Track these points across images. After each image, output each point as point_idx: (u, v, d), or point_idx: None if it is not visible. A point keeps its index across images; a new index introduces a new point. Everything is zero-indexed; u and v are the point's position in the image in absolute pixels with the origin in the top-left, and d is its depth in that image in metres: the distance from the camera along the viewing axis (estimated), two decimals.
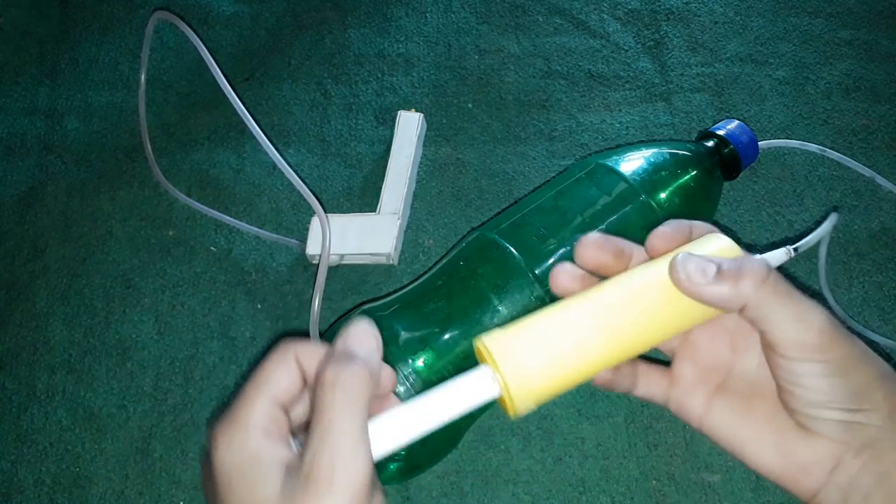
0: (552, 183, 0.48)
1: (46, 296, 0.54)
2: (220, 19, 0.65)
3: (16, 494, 0.48)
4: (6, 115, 0.62)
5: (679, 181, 0.47)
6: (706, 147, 0.50)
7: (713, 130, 0.51)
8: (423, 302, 0.44)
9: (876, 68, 0.58)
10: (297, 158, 0.58)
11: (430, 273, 0.46)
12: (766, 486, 0.45)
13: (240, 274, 0.54)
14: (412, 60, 0.62)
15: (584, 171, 0.47)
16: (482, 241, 0.45)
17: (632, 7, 0.62)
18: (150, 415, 0.50)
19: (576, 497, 0.45)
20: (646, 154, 0.47)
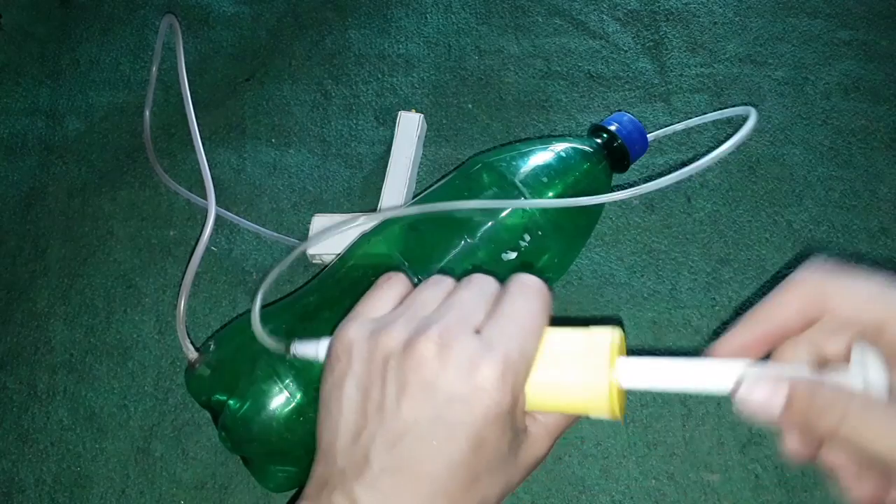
0: (436, 186, 0.48)
1: (47, 295, 0.55)
2: (221, 19, 0.65)
3: (17, 494, 0.48)
4: (7, 115, 0.62)
5: (566, 178, 0.46)
6: (595, 142, 0.49)
7: (603, 124, 0.50)
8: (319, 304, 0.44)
9: (875, 69, 0.58)
10: (297, 159, 0.58)
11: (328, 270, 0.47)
12: (766, 486, 0.45)
13: (240, 274, 0.54)
14: (412, 61, 0.62)
15: (467, 171, 0.47)
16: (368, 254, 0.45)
17: (631, 8, 0.62)
18: (150, 414, 0.50)
19: (575, 496, 0.46)
20: (533, 152, 0.47)
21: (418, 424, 0.27)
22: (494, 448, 0.28)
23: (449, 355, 0.28)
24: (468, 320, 0.29)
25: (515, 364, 0.28)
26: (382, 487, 0.27)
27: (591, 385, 0.28)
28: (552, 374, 0.29)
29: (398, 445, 0.27)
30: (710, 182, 0.54)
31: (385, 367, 0.29)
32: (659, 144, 0.56)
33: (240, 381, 0.41)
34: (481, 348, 0.28)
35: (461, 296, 0.31)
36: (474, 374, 0.27)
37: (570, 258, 0.49)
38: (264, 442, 0.41)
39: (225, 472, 0.48)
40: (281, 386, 0.40)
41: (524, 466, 0.30)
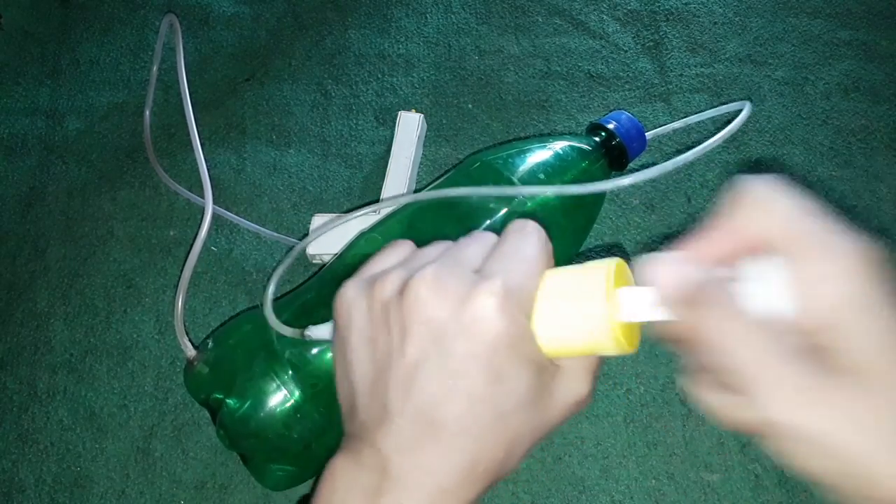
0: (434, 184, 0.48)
1: (47, 295, 0.55)
2: (221, 19, 0.65)
3: (17, 494, 0.48)
4: (7, 115, 0.62)
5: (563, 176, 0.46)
6: (593, 140, 0.49)
7: (601, 123, 0.50)
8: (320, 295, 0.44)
9: (875, 69, 0.58)
10: (297, 159, 0.58)
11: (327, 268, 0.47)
12: (766, 486, 0.45)
13: (240, 274, 0.54)
14: (412, 61, 0.62)
15: (466, 169, 0.47)
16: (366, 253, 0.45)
17: (631, 7, 0.62)
18: (150, 414, 0.50)
19: (575, 496, 0.46)
20: (531, 150, 0.47)
21: (427, 363, 0.27)
22: (516, 382, 0.27)
23: (445, 290, 0.27)
24: (464, 262, 0.29)
25: (514, 293, 0.27)
26: (404, 433, 0.27)
27: (591, 322, 0.28)
28: (554, 316, 0.28)
29: (412, 389, 0.27)
30: (710, 182, 0.54)
31: (385, 314, 0.28)
32: (658, 144, 0.56)
33: (238, 379, 0.41)
34: (477, 280, 0.27)
35: (458, 245, 0.31)
36: (472, 304, 0.27)
37: (568, 256, 0.49)
38: (262, 439, 0.41)
39: (225, 471, 0.48)
40: (278, 383, 0.40)
41: (562, 404, 0.29)
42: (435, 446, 0.27)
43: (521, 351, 0.27)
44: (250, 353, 0.42)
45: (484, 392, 0.27)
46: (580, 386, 0.30)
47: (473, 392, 0.27)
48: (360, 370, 0.29)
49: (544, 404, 0.28)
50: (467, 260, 0.29)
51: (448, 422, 0.27)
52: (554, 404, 0.29)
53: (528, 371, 0.27)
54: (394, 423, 0.27)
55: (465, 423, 0.27)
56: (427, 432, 0.27)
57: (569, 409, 0.29)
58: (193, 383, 0.44)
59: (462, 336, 0.27)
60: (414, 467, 0.27)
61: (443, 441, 0.27)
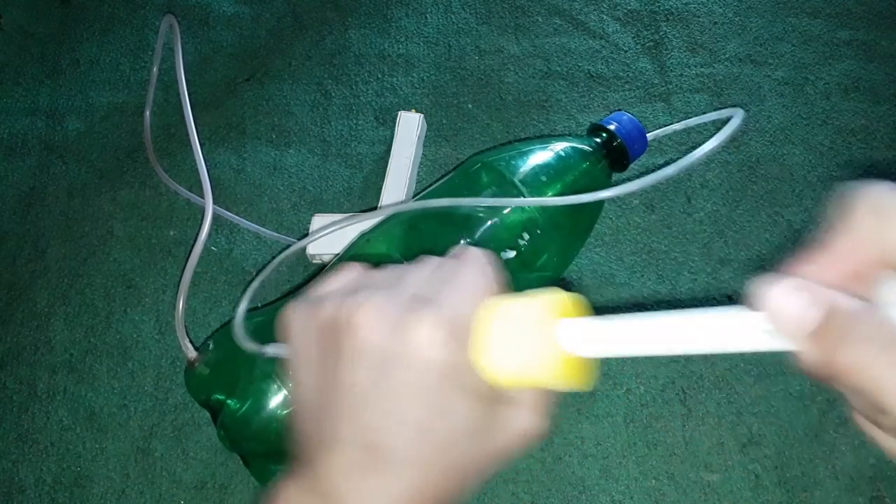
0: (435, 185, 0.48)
1: (47, 295, 0.55)
2: (221, 19, 0.65)
3: (17, 494, 0.48)
4: (7, 115, 0.62)
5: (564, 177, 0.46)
6: (594, 142, 0.49)
7: (602, 124, 0.50)
8: None
9: (875, 69, 0.58)
10: (297, 159, 0.58)
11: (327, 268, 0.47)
12: (766, 486, 0.45)
13: (240, 274, 0.54)
14: (412, 61, 0.62)
15: (467, 171, 0.47)
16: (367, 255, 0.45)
17: (631, 7, 0.62)
18: (151, 414, 0.50)
19: (575, 496, 0.46)
20: (532, 151, 0.47)
21: (367, 390, 0.26)
22: (458, 412, 0.26)
23: (380, 318, 0.27)
24: (403, 287, 0.28)
25: (451, 321, 0.26)
26: (348, 460, 0.26)
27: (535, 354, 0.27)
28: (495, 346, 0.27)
29: (355, 416, 0.27)
30: (710, 182, 0.54)
31: (324, 340, 0.28)
32: (659, 144, 0.56)
33: (238, 381, 0.41)
34: (413, 308, 0.27)
35: (403, 270, 0.30)
36: (408, 334, 0.26)
37: (569, 257, 0.49)
38: (263, 441, 0.41)
39: (225, 472, 0.48)
40: (279, 385, 0.40)
41: (512, 435, 0.28)
42: (379, 475, 0.26)
43: (461, 381, 0.27)
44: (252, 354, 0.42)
45: (426, 422, 0.26)
46: (526, 418, 0.29)
47: (415, 422, 0.26)
48: (306, 395, 0.29)
49: (489, 435, 0.28)
50: (409, 284, 0.29)
51: (391, 451, 0.26)
52: (500, 435, 0.28)
53: (469, 401, 0.27)
54: (337, 449, 0.27)
55: (409, 453, 0.26)
56: (371, 460, 0.26)
57: (515, 441, 0.29)
58: (194, 384, 0.44)
59: (399, 364, 0.26)
60: (358, 495, 0.26)
61: (386, 470, 0.26)
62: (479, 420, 0.27)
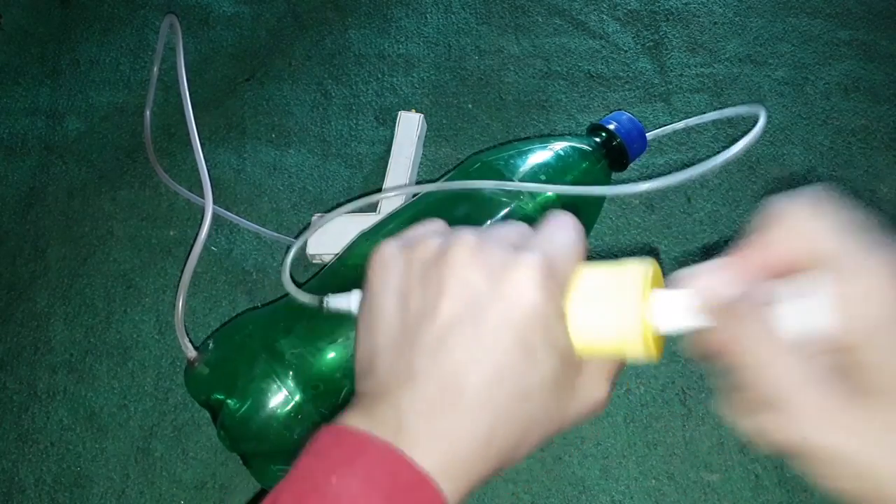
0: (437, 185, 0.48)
1: (47, 295, 0.55)
2: (221, 19, 0.65)
3: (17, 494, 0.48)
4: (7, 115, 0.62)
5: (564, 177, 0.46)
6: (594, 141, 0.49)
7: (601, 123, 0.50)
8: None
9: (875, 69, 0.58)
10: (297, 159, 0.58)
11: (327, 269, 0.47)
12: (766, 486, 0.45)
13: (240, 274, 0.54)
14: (412, 61, 0.62)
15: (466, 170, 0.47)
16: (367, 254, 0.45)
17: (631, 8, 0.62)
18: (150, 414, 0.50)
19: (575, 496, 0.46)
20: (532, 151, 0.47)
21: (459, 327, 0.26)
22: (543, 361, 0.27)
23: (486, 257, 0.27)
24: (503, 239, 0.29)
25: (552, 269, 0.27)
26: (426, 395, 0.26)
27: (623, 322, 0.27)
28: (585, 311, 0.28)
29: (441, 350, 0.26)
30: (710, 182, 0.54)
31: (423, 272, 0.28)
32: (659, 144, 0.56)
33: (238, 380, 0.41)
34: (516, 253, 0.27)
35: (497, 226, 0.30)
36: (512, 274, 0.26)
37: None
38: (263, 440, 0.41)
39: (225, 472, 0.48)
40: (279, 384, 0.40)
41: (580, 403, 0.29)
42: (454, 413, 0.26)
43: (552, 332, 0.27)
44: (251, 353, 0.42)
45: (511, 365, 0.26)
46: (599, 389, 0.29)
47: (500, 363, 0.26)
48: (388, 328, 0.28)
49: (565, 398, 0.28)
50: (506, 238, 0.29)
51: (471, 390, 0.26)
52: (573, 401, 0.29)
53: (555, 354, 0.27)
54: (418, 383, 0.26)
55: (488, 395, 0.26)
56: (448, 398, 0.26)
57: (585, 410, 0.29)
58: (194, 384, 0.44)
59: (498, 304, 0.26)
60: (430, 430, 0.26)
61: (463, 409, 0.26)
62: (560, 377, 0.27)
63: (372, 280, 0.30)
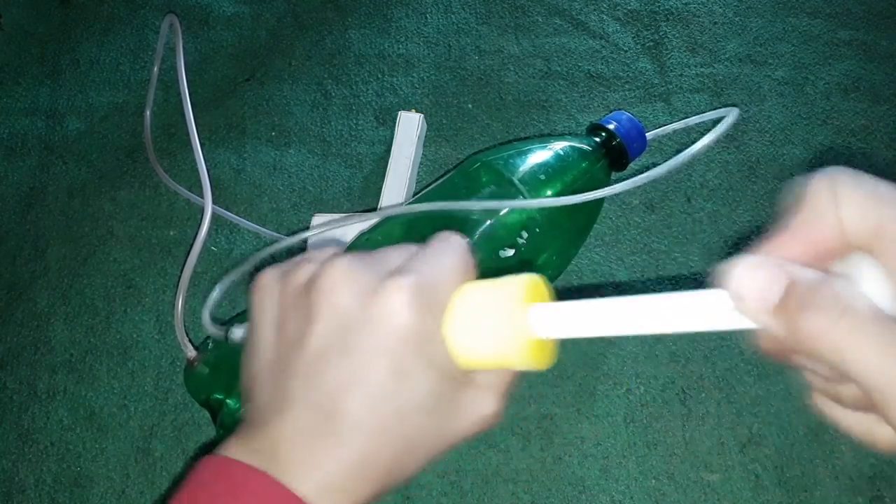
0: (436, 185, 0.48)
1: (47, 295, 0.55)
2: (221, 19, 0.65)
3: (17, 494, 0.48)
4: (7, 115, 0.62)
5: (564, 176, 0.46)
6: (594, 141, 0.49)
7: (601, 123, 0.50)
8: None
9: (875, 69, 0.58)
10: (297, 159, 0.58)
11: None
12: (766, 486, 0.45)
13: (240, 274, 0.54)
14: (412, 61, 0.62)
15: (466, 170, 0.47)
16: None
17: (631, 7, 0.62)
18: (151, 414, 0.50)
19: (575, 496, 0.46)
20: (531, 151, 0.47)
21: (331, 353, 0.26)
22: (419, 382, 0.26)
23: (356, 280, 0.27)
24: (382, 262, 0.29)
25: (425, 289, 0.27)
26: (300, 422, 0.26)
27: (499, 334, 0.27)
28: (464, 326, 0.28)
29: (313, 377, 0.26)
30: (710, 182, 0.54)
31: (295, 300, 0.28)
32: (659, 144, 0.56)
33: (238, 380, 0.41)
34: (389, 275, 0.27)
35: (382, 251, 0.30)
36: (381, 296, 0.26)
37: (568, 256, 0.49)
38: None
39: None
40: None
41: (467, 419, 0.28)
42: (329, 438, 0.26)
43: (427, 352, 0.27)
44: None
45: (385, 388, 0.26)
46: (488, 403, 0.29)
47: (374, 386, 0.26)
48: (264, 355, 0.29)
49: (448, 415, 0.28)
50: (385, 261, 0.29)
51: (345, 414, 0.26)
52: (459, 417, 0.28)
53: (432, 374, 0.27)
54: (291, 409, 0.26)
55: (363, 418, 0.26)
56: (323, 422, 0.26)
57: (474, 425, 0.29)
58: (193, 384, 0.44)
59: (368, 327, 0.26)
60: (303, 457, 0.26)
61: (338, 433, 0.26)
62: (439, 395, 0.27)
63: (252, 308, 0.30)
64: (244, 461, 0.26)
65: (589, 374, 0.49)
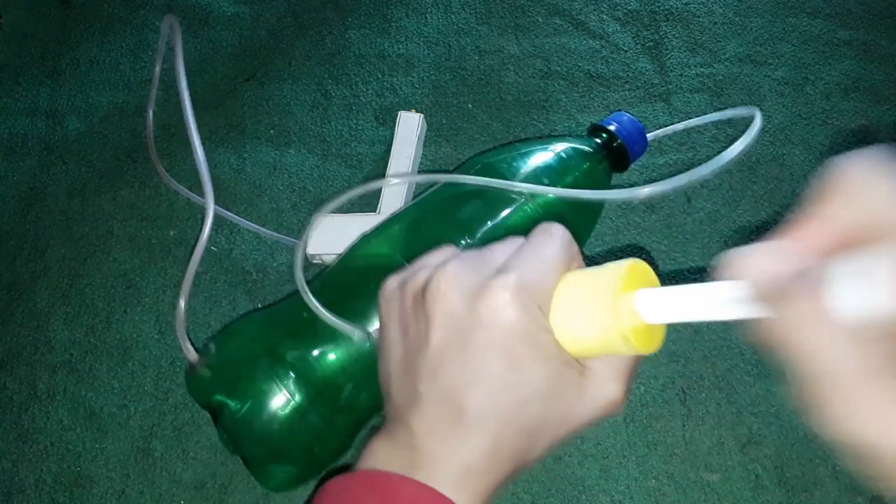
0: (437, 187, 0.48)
1: (47, 295, 0.55)
2: (221, 19, 0.65)
3: (17, 494, 0.48)
4: (7, 115, 0.62)
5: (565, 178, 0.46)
6: (595, 142, 0.49)
7: (602, 124, 0.50)
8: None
9: (875, 69, 0.58)
10: (297, 159, 0.58)
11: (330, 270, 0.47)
12: (766, 486, 0.45)
13: (240, 274, 0.54)
14: (412, 61, 0.62)
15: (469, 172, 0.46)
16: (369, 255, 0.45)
17: (631, 7, 0.62)
18: (151, 414, 0.50)
19: (575, 496, 0.46)
20: (533, 152, 0.47)
21: (450, 351, 0.29)
22: (533, 372, 0.28)
23: (462, 284, 0.30)
24: (487, 261, 0.31)
25: (528, 287, 0.29)
26: (432, 415, 0.29)
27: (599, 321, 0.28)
28: (568, 315, 0.29)
29: (437, 374, 0.29)
30: (710, 182, 0.54)
31: (415, 306, 0.31)
32: (659, 144, 0.56)
33: (240, 383, 0.41)
34: (494, 275, 0.29)
35: (489, 247, 0.33)
36: (486, 299, 0.29)
37: None
38: (265, 443, 0.41)
39: (225, 471, 0.48)
40: (281, 387, 0.40)
41: (591, 403, 0.30)
42: (459, 428, 0.28)
43: (537, 343, 0.29)
44: (253, 356, 0.42)
45: (501, 380, 0.28)
46: (611, 388, 0.30)
47: (492, 380, 0.28)
48: (395, 357, 0.32)
49: (569, 399, 0.30)
50: (491, 259, 0.31)
51: (470, 406, 0.28)
52: (581, 402, 0.30)
53: (545, 364, 0.29)
54: (422, 405, 0.29)
55: (486, 408, 0.28)
56: (452, 415, 0.29)
57: (599, 410, 0.30)
58: (196, 387, 0.44)
59: (479, 326, 0.29)
60: (441, 446, 0.29)
61: (465, 424, 0.28)
62: (554, 382, 0.29)
63: (382, 314, 0.34)
64: (389, 459, 0.30)
65: None
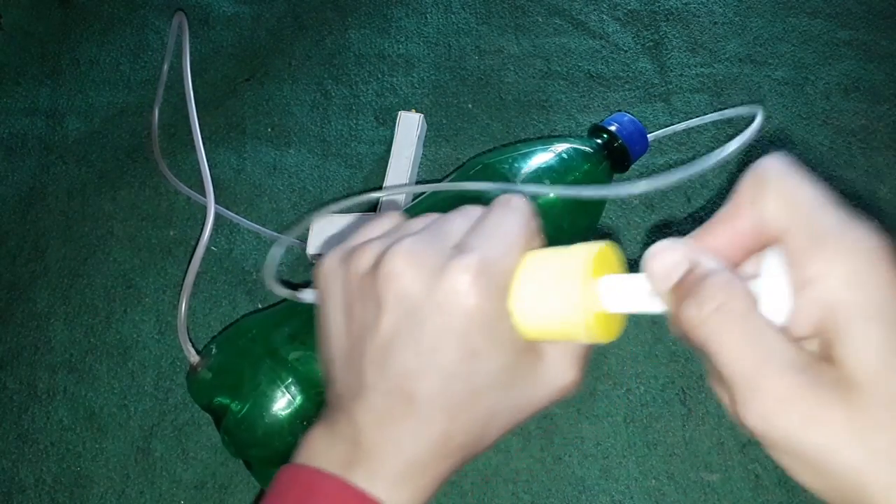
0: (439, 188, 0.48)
1: (47, 296, 0.55)
2: (221, 19, 0.65)
3: (17, 494, 0.48)
4: (7, 115, 0.62)
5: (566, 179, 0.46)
6: (595, 143, 0.49)
7: (603, 125, 0.50)
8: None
9: (875, 69, 0.58)
10: (297, 159, 0.58)
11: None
12: (766, 486, 0.45)
13: (240, 274, 0.54)
14: (412, 61, 0.62)
15: (468, 172, 0.47)
16: None
17: (631, 7, 0.62)
18: (150, 414, 0.50)
19: (575, 496, 0.46)
20: (533, 153, 0.47)
21: (401, 338, 0.27)
22: (490, 360, 0.27)
23: (419, 264, 0.27)
24: (444, 236, 0.28)
25: (489, 268, 0.27)
26: (378, 406, 0.27)
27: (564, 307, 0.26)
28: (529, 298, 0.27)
29: (386, 363, 0.27)
30: (710, 182, 0.54)
31: (361, 287, 0.28)
32: (659, 144, 0.56)
33: (242, 385, 0.41)
34: (453, 254, 0.27)
35: (443, 218, 0.30)
36: (446, 279, 0.26)
37: None
38: (266, 444, 0.41)
39: (225, 471, 0.48)
40: (283, 388, 0.40)
41: (545, 389, 0.29)
42: (407, 420, 0.27)
43: (495, 329, 0.27)
44: (254, 358, 0.42)
45: (457, 368, 0.26)
46: (565, 372, 0.29)
47: (446, 367, 0.26)
48: (337, 342, 0.29)
49: (524, 386, 0.28)
50: (448, 234, 0.29)
51: (421, 396, 0.26)
52: (535, 387, 0.29)
53: (502, 351, 0.27)
54: (368, 395, 0.27)
55: (438, 399, 0.27)
56: (400, 406, 0.27)
57: (553, 394, 0.29)
58: (197, 389, 0.44)
59: (435, 311, 0.26)
60: (386, 440, 0.27)
61: (415, 415, 0.27)
62: (510, 370, 0.27)
63: (319, 293, 0.30)
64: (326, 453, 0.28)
65: (589, 374, 0.48)
